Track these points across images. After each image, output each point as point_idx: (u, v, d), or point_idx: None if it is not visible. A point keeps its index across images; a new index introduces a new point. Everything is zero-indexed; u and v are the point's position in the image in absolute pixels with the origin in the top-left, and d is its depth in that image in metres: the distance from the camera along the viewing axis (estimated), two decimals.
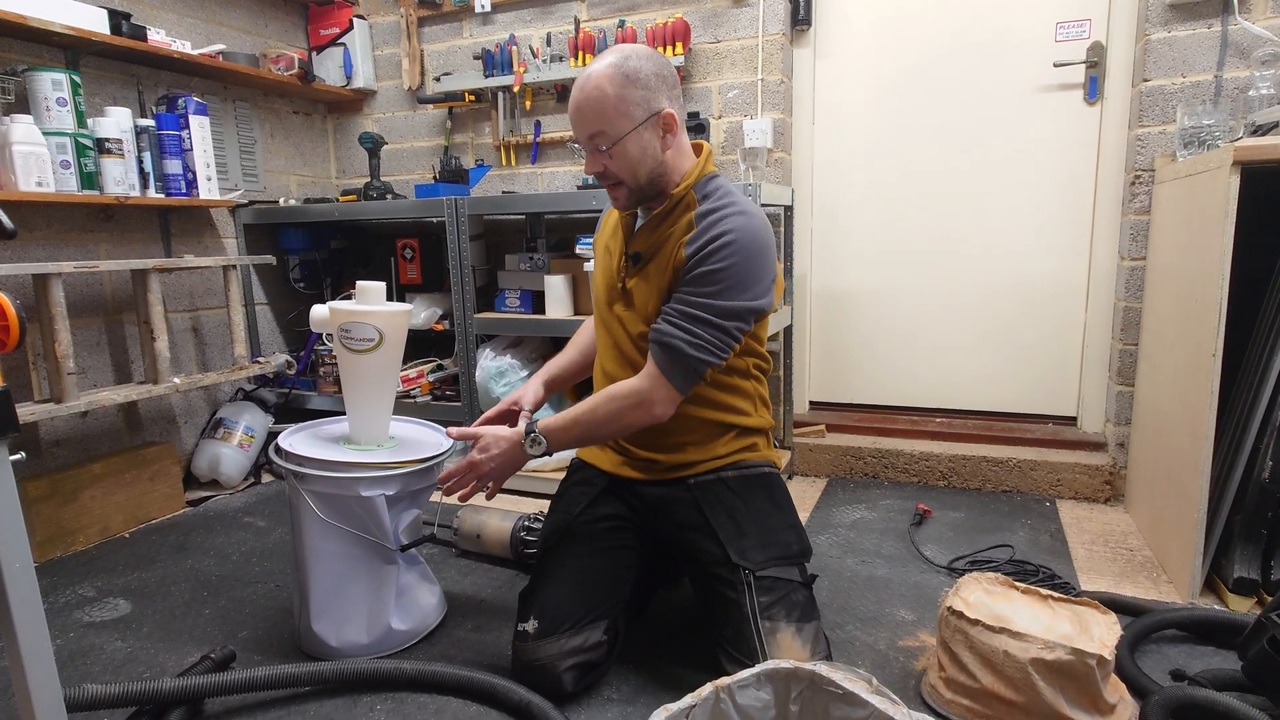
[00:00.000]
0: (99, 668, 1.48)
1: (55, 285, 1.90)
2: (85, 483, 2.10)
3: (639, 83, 1.28)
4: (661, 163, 1.34)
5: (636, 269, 1.41)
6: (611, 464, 1.50)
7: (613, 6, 2.62)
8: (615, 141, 1.30)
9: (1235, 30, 1.98)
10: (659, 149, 1.33)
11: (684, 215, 1.36)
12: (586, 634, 1.32)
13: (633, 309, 1.41)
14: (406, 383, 2.56)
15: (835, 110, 2.60)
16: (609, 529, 1.44)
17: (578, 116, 1.32)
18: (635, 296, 1.41)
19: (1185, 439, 1.67)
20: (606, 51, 1.32)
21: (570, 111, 1.33)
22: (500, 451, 1.36)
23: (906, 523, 2.10)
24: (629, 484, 1.48)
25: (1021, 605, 1.31)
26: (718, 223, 1.30)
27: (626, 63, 1.28)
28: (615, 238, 1.48)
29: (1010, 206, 2.43)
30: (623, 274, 1.43)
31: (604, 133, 1.30)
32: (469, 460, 1.37)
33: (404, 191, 2.94)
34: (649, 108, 1.30)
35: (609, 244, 1.50)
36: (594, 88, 1.28)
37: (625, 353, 1.44)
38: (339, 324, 1.51)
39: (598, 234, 1.59)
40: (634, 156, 1.31)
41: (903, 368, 2.63)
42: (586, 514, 1.46)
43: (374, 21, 3.00)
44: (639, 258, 1.40)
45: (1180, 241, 1.81)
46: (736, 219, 1.30)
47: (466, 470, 1.37)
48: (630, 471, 1.48)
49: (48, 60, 2.12)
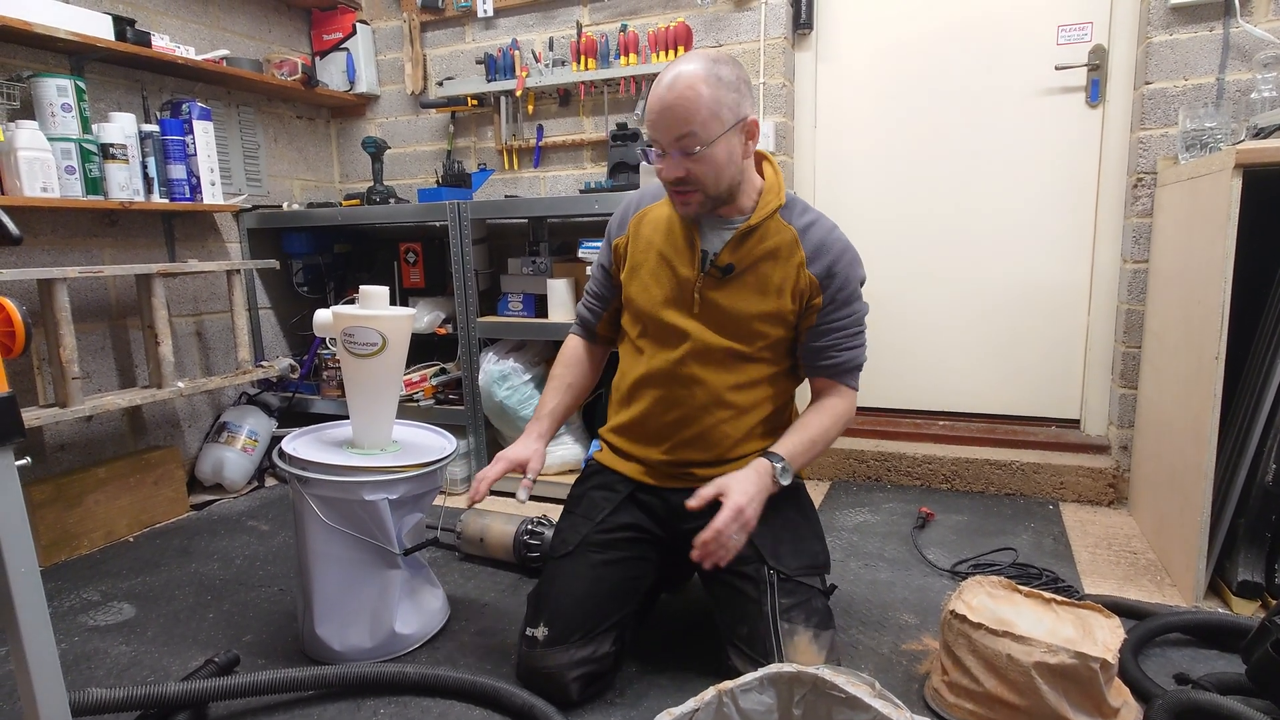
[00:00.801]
0: (103, 672, 1.49)
1: (60, 290, 1.91)
2: (90, 487, 2.11)
3: (729, 85, 1.25)
4: (741, 170, 1.32)
5: (723, 281, 1.37)
6: (637, 472, 1.47)
7: (615, 11, 2.63)
8: (706, 145, 1.25)
9: (1237, 33, 1.98)
10: (740, 156, 1.30)
11: (780, 231, 1.36)
12: (596, 644, 1.31)
13: (710, 322, 1.38)
14: (409, 386, 2.56)
15: (837, 114, 2.60)
16: (626, 539, 1.42)
17: (667, 116, 1.24)
18: (719, 310, 1.37)
19: (1188, 442, 1.67)
20: (688, 55, 1.27)
21: (656, 111, 1.25)
22: (757, 491, 1.26)
23: (909, 526, 2.09)
24: (654, 490, 1.46)
25: (1025, 609, 1.31)
26: (829, 237, 1.37)
27: (716, 66, 1.25)
28: (673, 244, 1.41)
29: (1012, 209, 2.43)
30: (698, 284, 1.38)
31: (694, 134, 1.24)
32: (734, 511, 1.22)
33: (407, 196, 2.95)
34: (738, 112, 1.26)
35: (663, 250, 1.42)
36: (687, 87, 1.22)
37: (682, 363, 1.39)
38: (342, 328, 1.51)
39: (629, 237, 1.48)
40: (721, 162, 1.27)
41: (905, 371, 2.63)
42: (608, 521, 1.43)
43: (377, 26, 3.01)
44: (731, 269, 1.36)
45: (1183, 244, 1.81)
46: (835, 230, 1.39)
47: (732, 521, 1.22)
48: (660, 480, 1.45)
49: (53, 66, 2.14)
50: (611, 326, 1.58)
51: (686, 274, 1.39)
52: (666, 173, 1.30)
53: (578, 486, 1.54)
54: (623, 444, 1.51)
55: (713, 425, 1.40)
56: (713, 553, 1.23)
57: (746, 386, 1.40)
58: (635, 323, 1.48)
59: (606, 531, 1.42)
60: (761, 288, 1.36)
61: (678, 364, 1.40)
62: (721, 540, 1.21)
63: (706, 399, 1.40)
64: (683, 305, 1.40)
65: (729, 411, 1.40)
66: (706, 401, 1.40)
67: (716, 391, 1.39)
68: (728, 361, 1.39)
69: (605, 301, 1.56)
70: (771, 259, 1.36)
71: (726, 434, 1.41)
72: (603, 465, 1.53)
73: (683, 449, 1.43)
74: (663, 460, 1.45)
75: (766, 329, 1.38)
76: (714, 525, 1.21)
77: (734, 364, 1.39)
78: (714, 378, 1.39)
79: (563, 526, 1.49)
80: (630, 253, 1.47)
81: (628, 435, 1.50)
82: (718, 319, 1.38)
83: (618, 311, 1.55)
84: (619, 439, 1.52)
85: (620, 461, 1.50)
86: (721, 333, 1.38)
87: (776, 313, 1.37)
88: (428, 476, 1.50)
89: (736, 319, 1.37)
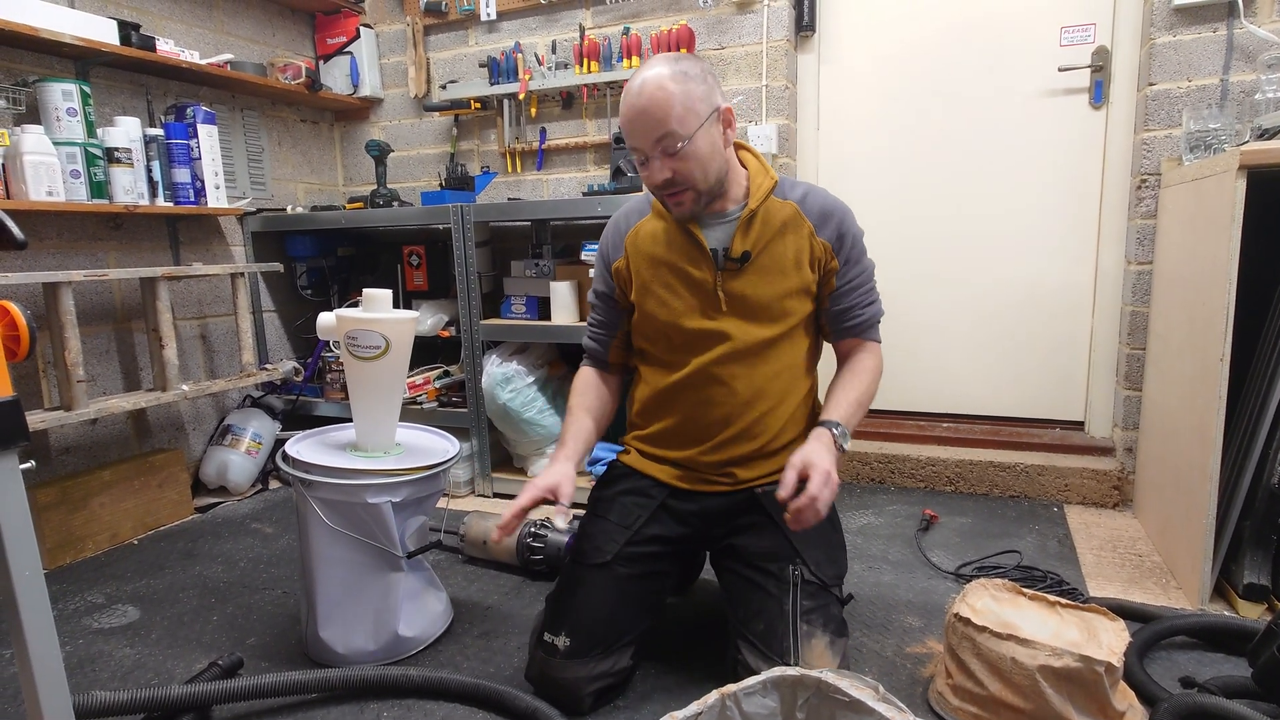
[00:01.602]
0: (107, 674, 1.49)
1: (65, 294, 1.91)
2: (94, 490, 2.11)
3: (696, 79, 1.25)
4: (726, 160, 1.33)
5: (742, 270, 1.36)
6: (670, 476, 1.44)
7: (617, 14, 2.63)
8: (686, 140, 1.24)
9: (1241, 34, 1.97)
10: (722, 146, 1.31)
11: (780, 208, 1.37)
12: (616, 658, 1.31)
13: (741, 314, 1.37)
14: (413, 389, 2.56)
15: (840, 115, 2.60)
16: (653, 554, 1.39)
17: (642, 120, 1.24)
18: (745, 300, 1.37)
19: (1193, 444, 1.66)
20: (649, 62, 1.27)
21: (630, 118, 1.26)
22: (833, 458, 1.26)
23: (913, 528, 2.09)
24: (688, 495, 1.43)
25: (1029, 612, 1.30)
26: (827, 201, 1.40)
27: (679, 63, 1.25)
28: (679, 251, 1.39)
29: (1015, 211, 2.43)
30: (718, 281, 1.36)
31: (673, 133, 1.24)
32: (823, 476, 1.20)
33: (410, 199, 2.95)
34: (711, 103, 1.27)
35: (670, 260, 1.39)
36: (657, 88, 1.23)
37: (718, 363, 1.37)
38: (346, 331, 1.51)
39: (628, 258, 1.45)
40: (705, 155, 1.27)
41: (909, 373, 2.62)
42: (642, 532, 1.39)
43: (380, 30, 3.02)
44: (748, 256, 1.35)
45: (1187, 246, 1.81)
46: (829, 194, 1.42)
47: (824, 485, 1.19)
48: (695, 485, 1.43)
49: (58, 71, 2.15)
50: (622, 353, 1.54)
51: (703, 276, 1.37)
52: (654, 177, 1.29)
53: (605, 489, 1.48)
54: (653, 449, 1.47)
55: (756, 419, 1.39)
56: (807, 519, 1.20)
57: (783, 373, 1.40)
58: (656, 340, 1.45)
59: (636, 544, 1.38)
60: (780, 267, 1.37)
61: (714, 364, 1.38)
62: (817, 506, 1.19)
63: (749, 393, 1.38)
64: (708, 307, 1.38)
65: (770, 401, 1.40)
66: (749, 396, 1.38)
67: (757, 384, 1.39)
68: (763, 351, 1.39)
69: (612, 329, 1.52)
70: (781, 236, 1.37)
71: (768, 426, 1.40)
72: (631, 469, 1.48)
73: (727, 447, 1.41)
74: (704, 461, 1.42)
75: (794, 305, 1.38)
76: (809, 492, 1.18)
77: (768, 352, 1.39)
78: (752, 371, 1.38)
79: (593, 532, 1.41)
80: (634, 272, 1.44)
81: (659, 442, 1.47)
82: (747, 309, 1.37)
83: (626, 336, 1.52)
84: (649, 445, 1.48)
85: (651, 465, 1.47)
86: (754, 321, 1.38)
87: (801, 287, 1.38)
88: (431, 479, 1.50)
89: (765, 303, 1.37)
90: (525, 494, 1.29)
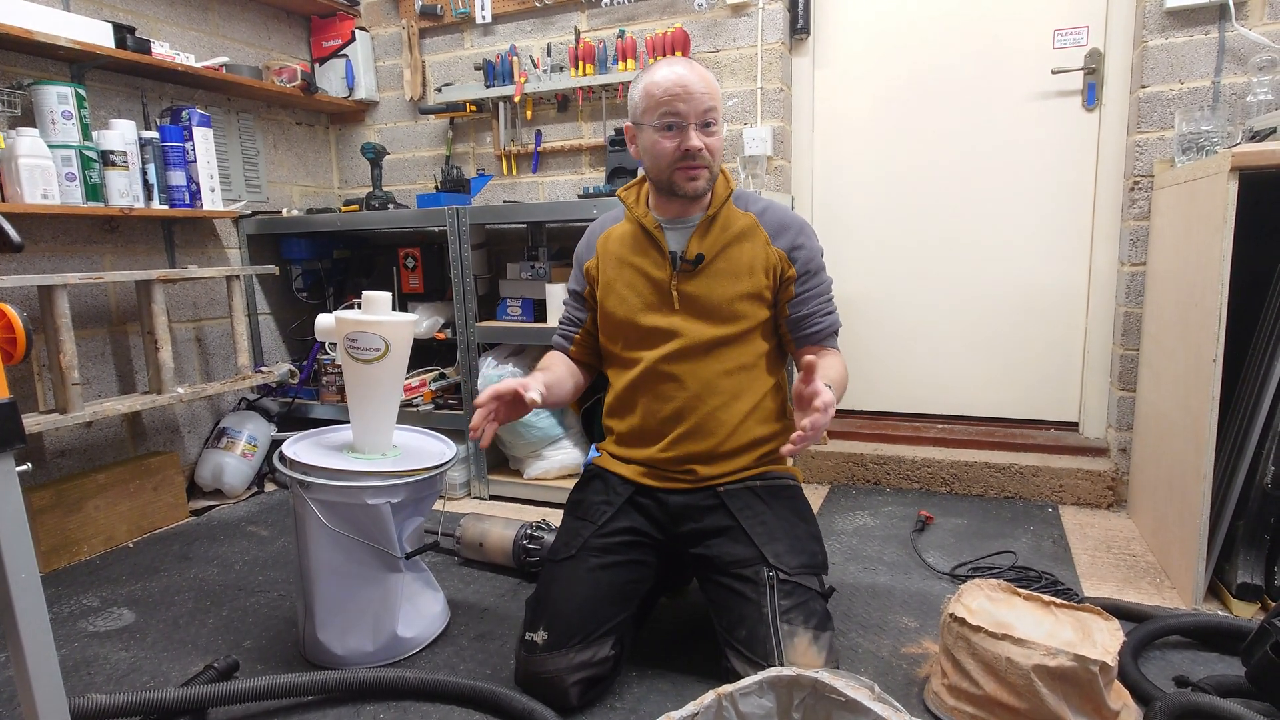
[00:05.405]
0: (103, 677, 1.48)
1: (60, 296, 1.91)
2: (90, 493, 2.11)
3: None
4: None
5: (696, 272, 1.44)
6: (636, 473, 1.50)
7: (613, 17, 2.64)
8: (719, 122, 1.39)
9: (1233, 36, 1.99)
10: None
11: (739, 218, 1.46)
12: (595, 648, 1.32)
13: (692, 313, 1.44)
14: (409, 391, 2.56)
15: (835, 118, 2.61)
16: (625, 543, 1.43)
17: (700, 88, 1.35)
18: (698, 300, 1.44)
19: (1187, 444, 1.67)
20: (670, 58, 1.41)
21: (684, 85, 1.35)
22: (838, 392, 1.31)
23: (909, 529, 2.10)
24: (652, 492, 1.48)
25: (1024, 612, 1.31)
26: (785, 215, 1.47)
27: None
28: (641, 252, 1.48)
29: (1010, 213, 2.44)
30: (673, 281, 1.44)
31: (715, 109, 1.37)
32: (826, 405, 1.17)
33: (406, 201, 2.95)
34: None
35: (632, 260, 1.48)
36: (705, 71, 1.37)
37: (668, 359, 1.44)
38: (345, 333, 1.52)
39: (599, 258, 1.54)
40: (722, 141, 1.42)
41: (904, 374, 2.63)
42: (608, 526, 1.44)
43: (376, 33, 3.02)
44: (702, 258, 1.43)
45: (1180, 247, 1.82)
46: (789, 210, 1.51)
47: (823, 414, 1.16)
48: (659, 482, 1.48)
49: (53, 74, 2.14)
50: (584, 349, 1.61)
51: (660, 275, 1.46)
52: (688, 143, 1.36)
53: (577, 492, 1.56)
54: (621, 450, 1.54)
55: (708, 414, 1.45)
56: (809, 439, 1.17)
57: (735, 372, 1.46)
58: (616, 337, 1.53)
59: (605, 536, 1.43)
60: (734, 271, 1.44)
61: (664, 360, 1.45)
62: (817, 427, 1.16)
63: (698, 387, 1.45)
64: (663, 305, 1.46)
65: (721, 398, 1.45)
66: (698, 390, 1.44)
67: (706, 379, 1.44)
68: (714, 350, 1.44)
69: (579, 324, 1.60)
70: (738, 242, 1.45)
71: (722, 421, 1.45)
72: (602, 469, 1.56)
73: (682, 443, 1.46)
74: (664, 457, 1.47)
75: (747, 309, 1.45)
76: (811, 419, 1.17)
77: (720, 350, 1.45)
78: (702, 366, 1.44)
79: (562, 531, 1.51)
80: (601, 270, 1.54)
81: (626, 442, 1.54)
82: (699, 308, 1.44)
83: (589, 334, 1.60)
84: (618, 447, 1.56)
85: (619, 464, 1.53)
86: (705, 321, 1.44)
87: (753, 292, 1.44)
88: (429, 481, 1.51)
89: (716, 304, 1.44)
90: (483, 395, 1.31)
